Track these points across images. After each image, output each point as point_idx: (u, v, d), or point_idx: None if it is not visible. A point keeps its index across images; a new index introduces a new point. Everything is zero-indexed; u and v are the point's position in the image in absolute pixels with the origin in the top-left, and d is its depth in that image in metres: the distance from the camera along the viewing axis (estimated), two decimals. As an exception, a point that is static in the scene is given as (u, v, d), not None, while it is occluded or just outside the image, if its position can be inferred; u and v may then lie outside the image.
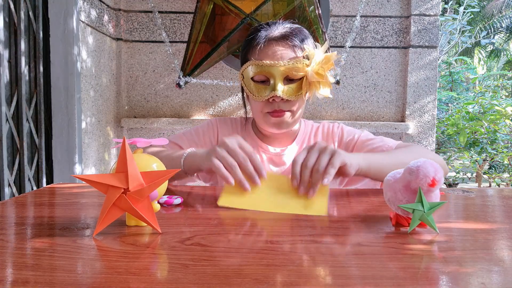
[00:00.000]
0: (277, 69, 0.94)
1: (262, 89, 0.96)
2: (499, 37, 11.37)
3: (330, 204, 0.72)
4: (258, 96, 0.96)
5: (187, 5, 2.34)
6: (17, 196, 0.75)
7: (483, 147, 3.51)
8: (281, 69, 0.94)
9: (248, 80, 0.98)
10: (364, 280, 0.38)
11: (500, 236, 0.53)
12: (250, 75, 0.97)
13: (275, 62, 0.94)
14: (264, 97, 0.95)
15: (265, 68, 0.94)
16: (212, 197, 0.77)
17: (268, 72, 0.94)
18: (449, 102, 4.83)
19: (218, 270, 0.40)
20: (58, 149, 1.89)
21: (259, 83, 0.97)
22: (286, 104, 0.97)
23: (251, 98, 1.00)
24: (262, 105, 0.98)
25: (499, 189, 0.96)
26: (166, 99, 2.40)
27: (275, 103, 0.96)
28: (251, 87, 0.97)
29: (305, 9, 2.05)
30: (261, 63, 0.94)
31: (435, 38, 2.31)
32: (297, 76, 0.95)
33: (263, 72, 0.95)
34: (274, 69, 0.94)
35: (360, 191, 0.85)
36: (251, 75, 0.97)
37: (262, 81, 0.97)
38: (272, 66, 0.94)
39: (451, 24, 4.75)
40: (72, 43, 1.85)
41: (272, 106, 0.97)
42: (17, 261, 0.43)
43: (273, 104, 0.97)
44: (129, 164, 0.51)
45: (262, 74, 0.96)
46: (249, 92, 0.98)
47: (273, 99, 0.95)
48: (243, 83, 0.99)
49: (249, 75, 0.97)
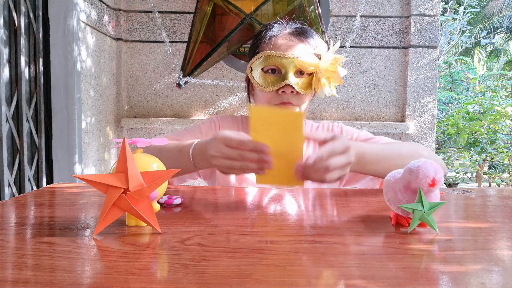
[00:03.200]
0: (290, 61, 0.95)
1: (272, 80, 0.97)
2: (499, 37, 11.37)
3: (330, 204, 0.72)
4: (267, 86, 0.97)
5: (187, 5, 2.34)
6: (17, 196, 0.75)
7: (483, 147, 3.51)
8: (294, 61, 0.95)
9: (257, 72, 0.98)
10: (364, 280, 0.38)
11: (500, 236, 0.53)
12: (261, 66, 0.98)
13: (288, 54, 0.95)
14: (274, 87, 0.96)
15: (278, 59, 0.95)
16: (212, 197, 0.77)
17: (280, 63, 0.95)
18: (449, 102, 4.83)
19: (218, 270, 0.40)
20: (58, 149, 1.89)
21: (269, 74, 0.98)
22: (295, 97, 0.97)
23: (258, 91, 1.00)
24: (270, 96, 0.98)
25: (499, 189, 0.96)
26: (166, 99, 2.40)
27: (284, 95, 0.96)
28: (260, 79, 0.98)
29: (305, 9, 2.05)
30: (275, 53, 0.95)
31: (435, 38, 2.31)
32: (308, 70, 0.96)
33: (276, 63, 0.96)
34: (287, 61, 0.95)
35: (359, 191, 0.85)
36: (262, 66, 0.97)
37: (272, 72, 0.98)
38: (286, 58, 0.95)
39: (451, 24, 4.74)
40: (72, 43, 1.85)
41: (280, 98, 0.97)
42: (17, 261, 0.43)
43: (282, 96, 0.97)
44: (129, 164, 0.51)
45: (274, 65, 0.96)
46: (258, 84, 0.98)
47: (283, 90, 0.96)
48: (251, 76, 1.00)
49: (259, 67, 0.98)
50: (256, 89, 1.00)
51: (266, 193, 0.82)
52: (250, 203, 0.72)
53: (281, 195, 0.79)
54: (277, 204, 0.72)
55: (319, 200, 0.76)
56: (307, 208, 0.70)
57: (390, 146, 0.89)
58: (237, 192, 0.84)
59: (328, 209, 0.69)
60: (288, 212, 0.67)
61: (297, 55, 0.95)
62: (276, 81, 0.96)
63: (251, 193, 0.82)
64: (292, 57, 0.95)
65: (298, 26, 1.02)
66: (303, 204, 0.73)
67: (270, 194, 0.81)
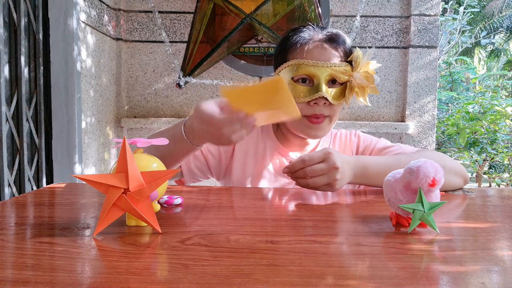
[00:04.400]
0: (324, 70, 0.89)
1: (304, 90, 0.91)
2: (499, 37, 11.37)
3: (330, 204, 0.72)
4: (299, 98, 0.90)
5: (187, 5, 2.34)
6: (17, 196, 0.75)
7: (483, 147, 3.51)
8: (328, 70, 0.89)
9: (286, 81, 0.92)
10: (364, 280, 0.38)
11: (500, 236, 0.53)
12: (292, 75, 0.91)
13: (322, 63, 0.89)
14: (306, 98, 0.90)
15: (311, 69, 0.89)
16: (212, 197, 0.77)
17: (313, 73, 0.90)
18: (449, 102, 4.83)
19: (218, 270, 0.40)
20: (58, 149, 1.89)
21: (300, 83, 0.92)
22: (327, 108, 0.92)
23: None
24: (301, 107, 0.90)
25: (499, 189, 0.96)
26: (166, 99, 2.40)
27: (316, 106, 0.91)
28: (290, 88, 0.91)
29: (305, 9, 2.05)
30: (308, 62, 0.89)
31: (435, 38, 2.31)
32: (341, 79, 0.91)
33: (308, 73, 0.90)
34: (321, 70, 0.89)
35: (359, 191, 0.85)
36: (292, 74, 0.91)
37: (303, 81, 0.92)
38: (319, 67, 0.89)
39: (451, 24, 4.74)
40: (72, 43, 1.85)
41: (313, 110, 0.91)
42: (17, 261, 0.43)
43: (314, 108, 0.91)
44: (129, 164, 0.51)
45: (306, 74, 0.91)
46: None
47: (316, 102, 0.90)
48: None
49: (289, 75, 0.92)
50: None
51: (267, 193, 0.82)
52: (250, 203, 0.72)
53: (281, 195, 0.80)
54: (277, 204, 0.72)
55: (319, 200, 0.76)
56: (307, 208, 0.70)
57: (398, 157, 0.87)
58: (238, 192, 0.84)
59: (328, 209, 0.69)
60: (288, 212, 0.67)
61: (330, 64, 0.89)
62: (309, 92, 0.90)
63: (252, 193, 0.82)
64: (326, 66, 0.89)
65: (330, 31, 0.96)
66: (303, 204, 0.73)
67: (270, 194, 0.81)
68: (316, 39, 0.93)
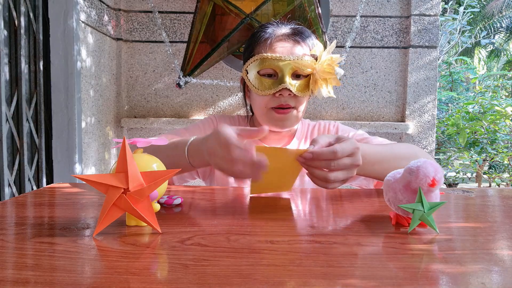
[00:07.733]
0: (287, 64, 0.93)
1: (269, 83, 0.95)
2: (499, 37, 11.36)
3: (330, 204, 0.72)
4: (264, 90, 0.95)
5: (187, 5, 2.34)
6: (17, 196, 0.75)
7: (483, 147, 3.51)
8: (290, 63, 0.93)
9: (253, 75, 0.97)
10: (364, 280, 0.38)
11: (500, 236, 0.53)
12: (257, 69, 0.96)
13: (285, 56, 0.93)
14: (271, 90, 0.94)
15: (275, 62, 0.94)
16: (212, 197, 0.77)
17: (277, 66, 0.94)
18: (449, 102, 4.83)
19: (218, 270, 0.40)
20: (58, 149, 1.89)
21: (266, 77, 0.96)
22: (292, 99, 0.96)
23: (254, 94, 0.99)
24: (267, 100, 0.97)
25: (499, 189, 0.96)
26: (166, 99, 2.40)
27: (281, 97, 0.95)
28: (256, 82, 0.96)
29: (305, 9, 2.05)
30: (271, 56, 0.94)
31: (435, 38, 2.31)
32: (305, 72, 0.95)
33: (272, 66, 0.94)
34: (284, 64, 0.93)
35: (359, 191, 0.85)
36: (258, 69, 0.96)
37: (269, 75, 0.96)
38: (282, 60, 0.93)
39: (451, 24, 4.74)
40: (72, 43, 1.85)
41: (278, 101, 0.96)
42: (17, 261, 0.43)
43: (280, 99, 0.96)
44: (129, 164, 0.51)
45: (271, 68, 0.95)
46: (254, 87, 0.96)
47: (281, 93, 0.94)
48: (246, 79, 0.98)
49: (255, 69, 0.96)
50: (253, 92, 0.99)
51: (266, 194, 0.82)
52: (250, 203, 0.72)
53: (281, 196, 0.79)
54: (277, 204, 0.72)
55: (319, 200, 0.76)
56: (307, 208, 0.70)
57: (389, 147, 0.88)
58: (237, 192, 0.84)
59: (328, 209, 0.69)
60: (288, 212, 0.67)
61: (293, 57, 0.94)
62: (273, 85, 0.95)
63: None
64: (289, 59, 0.93)
65: (294, 26, 1.00)
66: (303, 204, 0.73)
67: (270, 194, 0.81)
68: (279, 33, 0.98)
